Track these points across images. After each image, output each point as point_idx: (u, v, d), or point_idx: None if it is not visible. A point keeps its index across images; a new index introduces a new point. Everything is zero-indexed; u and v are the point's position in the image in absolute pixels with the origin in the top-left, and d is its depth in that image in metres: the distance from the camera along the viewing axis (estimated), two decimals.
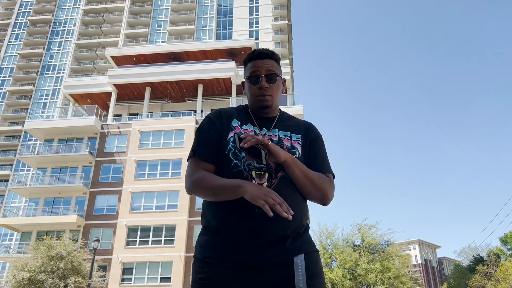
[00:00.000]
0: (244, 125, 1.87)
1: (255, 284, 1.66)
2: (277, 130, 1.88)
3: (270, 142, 1.67)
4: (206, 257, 1.74)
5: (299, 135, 1.90)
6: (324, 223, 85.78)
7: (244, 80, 1.97)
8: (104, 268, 32.35)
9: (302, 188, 1.79)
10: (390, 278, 28.37)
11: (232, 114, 1.91)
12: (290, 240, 1.73)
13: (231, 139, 1.81)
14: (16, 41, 78.21)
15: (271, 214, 1.55)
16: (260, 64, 1.89)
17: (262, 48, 1.95)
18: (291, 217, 1.57)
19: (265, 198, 1.57)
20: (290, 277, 1.66)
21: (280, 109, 2.00)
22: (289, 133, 1.88)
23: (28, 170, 63.94)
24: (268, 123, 1.89)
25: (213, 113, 1.94)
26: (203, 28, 71.80)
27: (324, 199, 1.83)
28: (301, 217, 1.78)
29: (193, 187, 1.77)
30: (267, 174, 1.75)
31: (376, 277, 27.72)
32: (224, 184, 1.69)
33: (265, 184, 1.73)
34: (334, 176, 1.91)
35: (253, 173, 1.75)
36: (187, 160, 1.89)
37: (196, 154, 1.84)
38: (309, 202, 1.90)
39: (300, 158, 1.82)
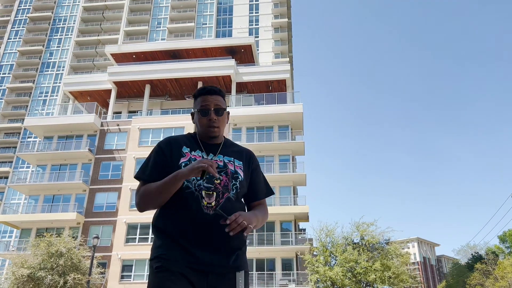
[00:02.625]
0: (193, 151, 2.13)
1: (200, 284, 1.92)
2: (222, 155, 2.16)
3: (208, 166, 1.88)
4: (160, 254, 1.97)
5: (241, 162, 2.19)
6: (324, 221, 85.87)
7: (193, 111, 2.23)
8: (104, 265, 32.43)
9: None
10: (390, 277, 28.40)
11: (182, 142, 2.17)
12: (235, 257, 2.02)
13: (183, 164, 2.06)
14: (16, 38, 78.09)
15: (216, 175, 1.90)
16: (209, 99, 2.17)
17: (212, 86, 2.22)
18: (217, 175, 1.92)
19: (202, 163, 1.86)
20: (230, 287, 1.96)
21: (224, 137, 2.30)
22: (233, 158, 2.17)
23: (27, 167, 64.01)
24: (214, 149, 2.17)
25: (163, 141, 2.18)
26: (203, 26, 71.73)
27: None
28: (243, 235, 2.00)
29: (141, 199, 2.02)
30: (215, 193, 2.01)
31: (375, 275, 27.73)
32: (164, 180, 1.97)
33: (213, 203, 1.99)
34: (273, 193, 2.33)
35: (203, 193, 2.00)
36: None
37: (142, 178, 2.08)
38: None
39: (243, 182, 2.13)
